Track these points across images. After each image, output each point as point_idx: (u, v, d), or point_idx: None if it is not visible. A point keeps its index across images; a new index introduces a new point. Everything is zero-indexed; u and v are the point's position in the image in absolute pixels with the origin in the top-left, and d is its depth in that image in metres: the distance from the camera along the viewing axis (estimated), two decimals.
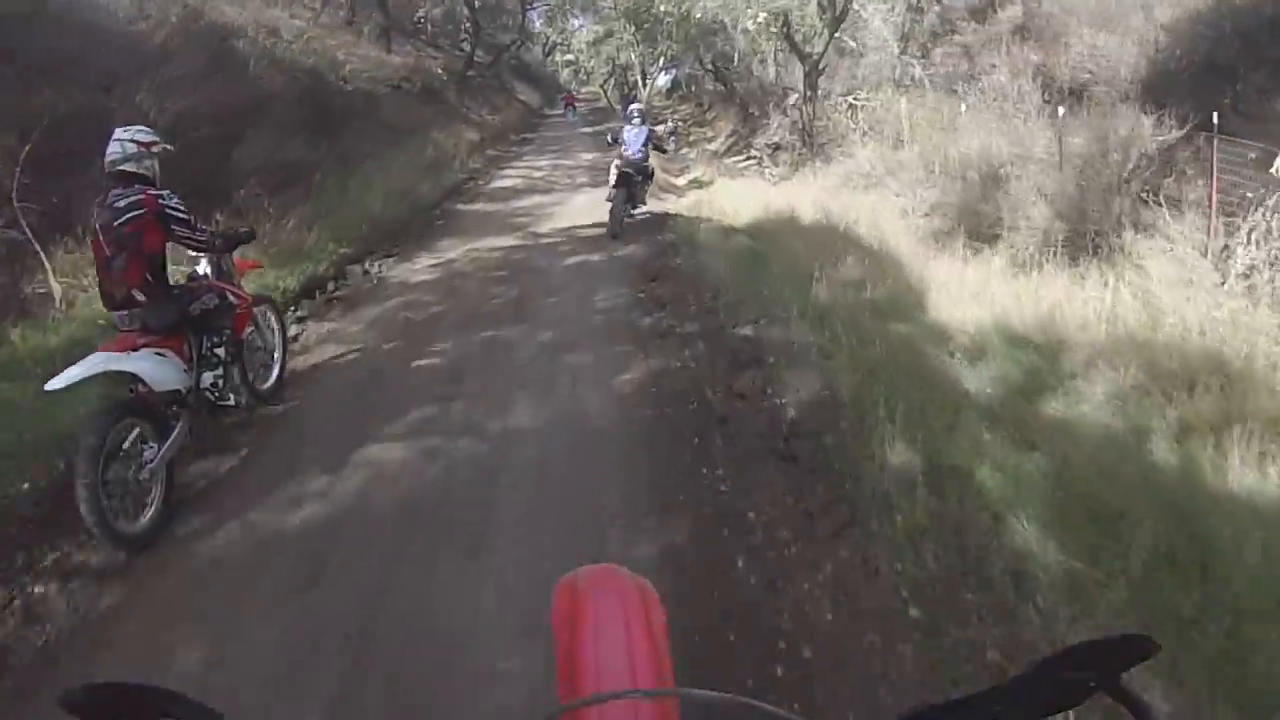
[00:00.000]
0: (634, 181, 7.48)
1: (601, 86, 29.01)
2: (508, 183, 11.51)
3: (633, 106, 8.77)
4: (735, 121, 23.26)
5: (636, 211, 7.77)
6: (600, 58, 24.84)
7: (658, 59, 22.52)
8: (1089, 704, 0.51)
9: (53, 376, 2.69)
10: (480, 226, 8.00)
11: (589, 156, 15.14)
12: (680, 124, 22.34)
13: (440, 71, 15.28)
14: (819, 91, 14.82)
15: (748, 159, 16.97)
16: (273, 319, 4.07)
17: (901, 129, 12.40)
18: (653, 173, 8.15)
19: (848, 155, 12.87)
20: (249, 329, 3.72)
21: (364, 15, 16.51)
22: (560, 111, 26.67)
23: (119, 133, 3.04)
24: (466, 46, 20.32)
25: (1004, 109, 11.97)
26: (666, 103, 31.90)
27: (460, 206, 9.41)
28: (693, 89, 32.38)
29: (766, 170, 14.88)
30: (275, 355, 4.02)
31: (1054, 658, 0.51)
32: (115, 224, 2.92)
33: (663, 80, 29.30)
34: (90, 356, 2.80)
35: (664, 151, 9.74)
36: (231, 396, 3.37)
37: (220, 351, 3.29)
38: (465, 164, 12.03)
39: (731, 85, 23.96)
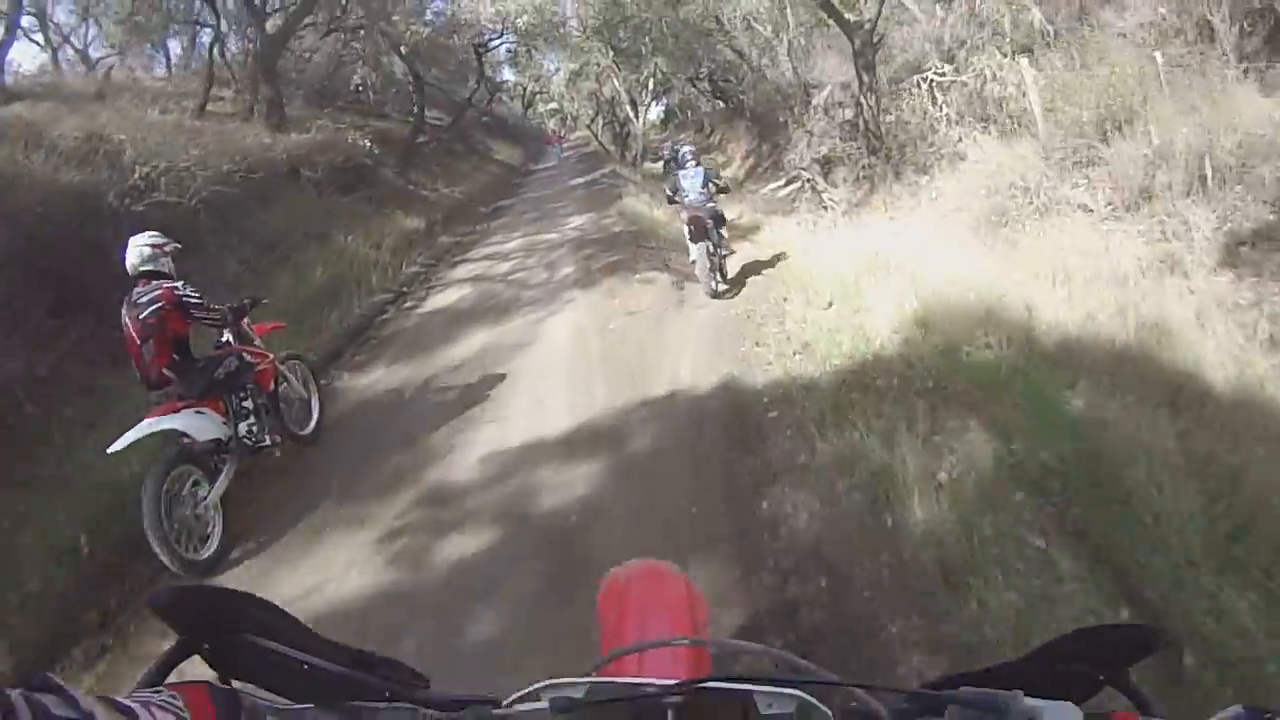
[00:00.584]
0: (710, 229, 6.55)
1: (590, 128, 25.36)
2: (450, 297, 7.41)
3: (684, 149, 7.62)
4: (749, 140, 19.32)
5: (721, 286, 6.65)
6: (582, 95, 21.39)
7: (645, 82, 18.80)
8: None
9: None
10: (343, 475, 3.79)
11: (578, 222, 11.00)
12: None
13: (367, 144, 11.45)
14: (875, 75, 10.54)
15: (787, 184, 12.69)
16: (302, 371, 4.45)
17: (1029, 108, 8.03)
18: (724, 217, 7.15)
19: (956, 158, 8.52)
20: (282, 384, 4.08)
21: (287, 93, 13.03)
22: (550, 164, 23.69)
23: (133, 240, 3.53)
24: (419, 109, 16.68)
25: (1169, 55, 7.41)
26: (663, 135, 28.45)
27: (341, 383, 5.25)
28: (689, 114, 28.66)
29: (825, 196, 10.54)
30: (313, 403, 4.44)
31: (1060, 640, 0.57)
32: (141, 317, 3.36)
33: (654, 112, 25.93)
34: (140, 422, 3.24)
35: (725, 191, 7.95)
36: (267, 439, 3.70)
37: (249, 404, 3.65)
38: (390, 275, 7.99)
39: (737, 98, 20.15)
